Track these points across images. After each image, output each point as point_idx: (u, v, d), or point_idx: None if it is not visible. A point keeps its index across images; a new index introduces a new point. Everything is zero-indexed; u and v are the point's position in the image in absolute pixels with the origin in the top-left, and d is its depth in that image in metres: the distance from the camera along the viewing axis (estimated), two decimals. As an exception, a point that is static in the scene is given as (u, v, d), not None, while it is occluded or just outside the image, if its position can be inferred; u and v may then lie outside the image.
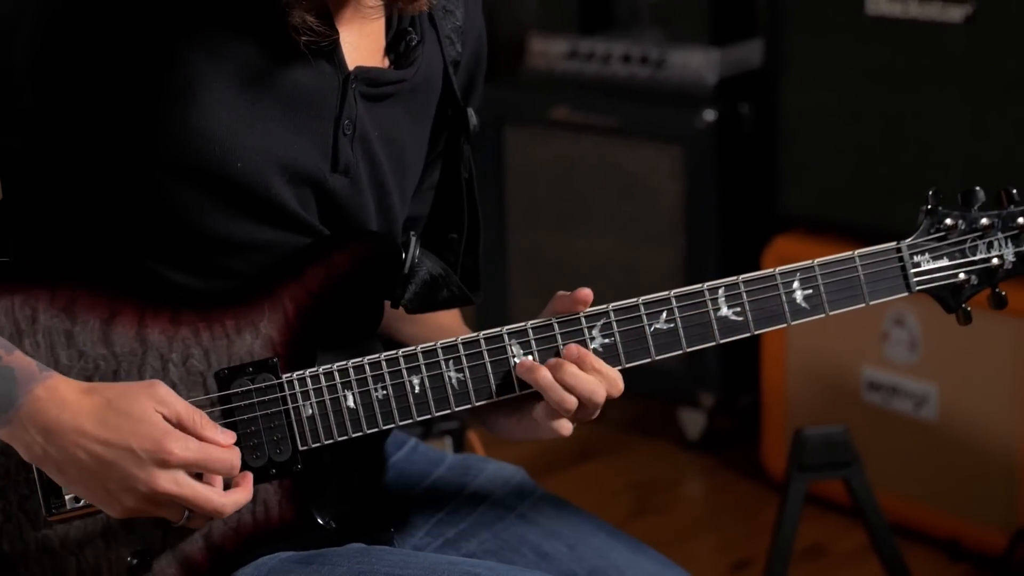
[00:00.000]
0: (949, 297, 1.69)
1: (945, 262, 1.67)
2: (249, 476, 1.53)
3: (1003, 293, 1.70)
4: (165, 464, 1.45)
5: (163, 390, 1.48)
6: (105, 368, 1.54)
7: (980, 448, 3.09)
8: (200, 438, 1.48)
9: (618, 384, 1.59)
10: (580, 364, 1.57)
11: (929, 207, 1.66)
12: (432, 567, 1.54)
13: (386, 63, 1.63)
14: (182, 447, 1.46)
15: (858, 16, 3.15)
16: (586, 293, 1.60)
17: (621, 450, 3.71)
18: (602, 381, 1.57)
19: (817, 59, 3.23)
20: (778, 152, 3.34)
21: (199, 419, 1.49)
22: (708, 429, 3.70)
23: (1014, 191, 1.68)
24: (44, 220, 1.57)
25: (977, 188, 1.67)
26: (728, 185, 3.53)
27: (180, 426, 1.47)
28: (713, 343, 1.63)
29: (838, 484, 2.50)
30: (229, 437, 1.51)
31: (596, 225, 3.66)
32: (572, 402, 1.56)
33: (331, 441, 1.57)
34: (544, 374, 1.57)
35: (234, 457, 1.50)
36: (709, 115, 3.49)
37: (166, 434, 1.46)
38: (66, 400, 1.45)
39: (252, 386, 1.55)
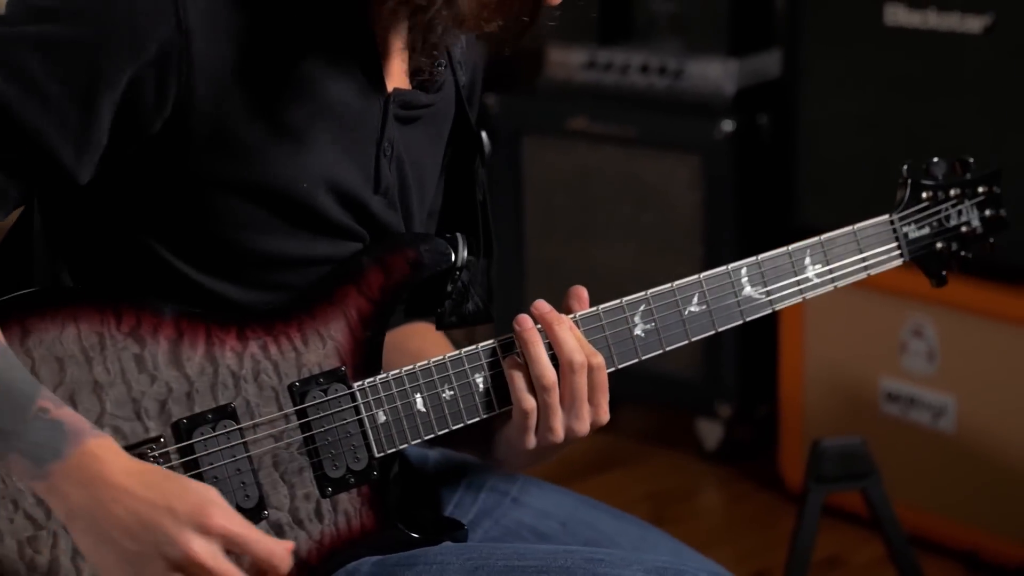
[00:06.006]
0: (933, 264, 1.80)
1: (927, 231, 1.79)
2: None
3: (969, 256, 1.81)
4: (205, 529, 1.37)
5: (216, 493, 1.41)
6: (178, 390, 1.52)
7: (998, 460, 3.08)
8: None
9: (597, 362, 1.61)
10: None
11: (909, 180, 1.79)
12: (551, 555, 1.57)
13: (409, 86, 1.64)
14: (224, 515, 1.38)
15: (877, 26, 3.15)
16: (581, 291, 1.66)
17: (638, 460, 3.71)
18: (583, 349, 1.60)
19: (836, 70, 3.23)
20: (796, 163, 3.34)
21: (248, 527, 1.41)
22: (725, 440, 3.69)
23: (969, 160, 1.82)
24: (95, 242, 1.55)
25: (937, 159, 1.81)
26: (746, 196, 3.52)
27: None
28: (739, 322, 1.69)
29: (856, 495, 2.50)
30: (286, 545, 1.42)
31: (614, 235, 3.66)
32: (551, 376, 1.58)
33: (405, 445, 1.58)
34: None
35: (275, 546, 1.40)
36: (727, 125, 3.49)
37: (211, 502, 1.39)
38: (117, 459, 1.40)
39: (326, 397, 1.55)
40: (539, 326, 1.61)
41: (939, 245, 1.79)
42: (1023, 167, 2.96)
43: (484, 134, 1.72)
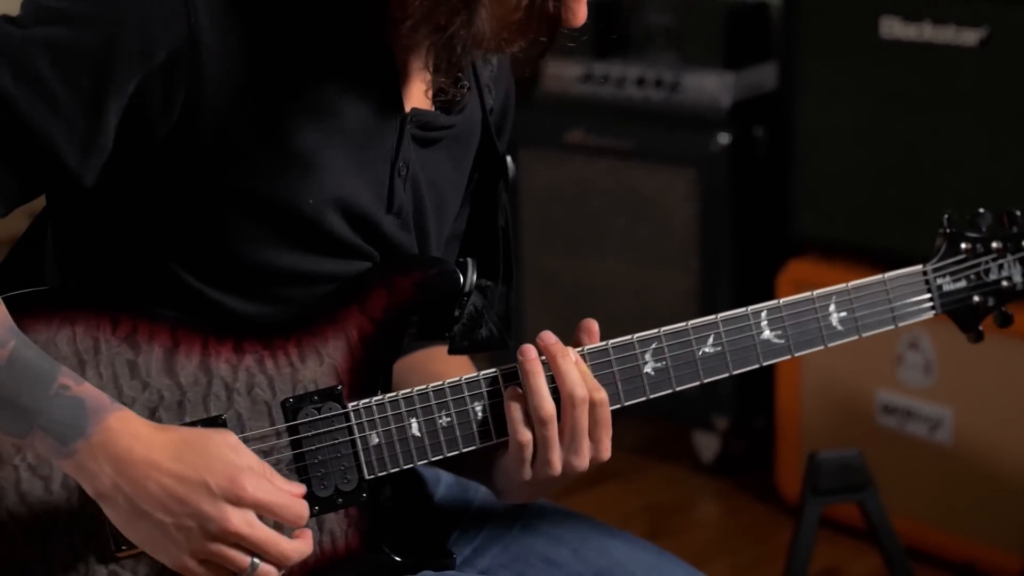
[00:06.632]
0: (967, 318, 1.75)
1: (963, 284, 1.73)
2: (308, 532, 1.52)
3: (1010, 313, 1.76)
4: (239, 501, 1.43)
5: (235, 439, 1.46)
6: (169, 398, 1.52)
7: (995, 472, 3.08)
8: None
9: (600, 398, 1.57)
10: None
11: (948, 231, 1.73)
12: None
13: (432, 108, 1.62)
14: (255, 485, 1.44)
15: (872, 39, 3.15)
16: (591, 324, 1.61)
17: (635, 473, 3.71)
18: (585, 384, 1.57)
19: (831, 82, 3.24)
20: (792, 175, 3.34)
21: (269, 471, 1.47)
22: (722, 452, 3.69)
23: (1017, 213, 1.75)
24: (100, 248, 1.56)
25: (983, 210, 1.74)
26: (742, 208, 3.53)
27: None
28: (756, 365, 1.66)
29: (852, 508, 2.49)
30: (299, 488, 1.49)
31: (610, 248, 3.66)
32: (549, 408, 1.55)
33: (397, 469, 1.56)
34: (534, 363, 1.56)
35: (303, 508, 1.48)
36: (723, 138, 3.49)
37: (240, 471, 1.44)
38: (139, 433, 1.43)
39: (319, 416, 1.54)
40: (543, 357, 1.58)
41: (976, 299, 1.74)
42: (1018, 179, 2.97)
43: (509, 158, 1.70)
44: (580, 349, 1.59)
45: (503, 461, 1.60)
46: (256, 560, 1.45)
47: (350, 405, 1.55)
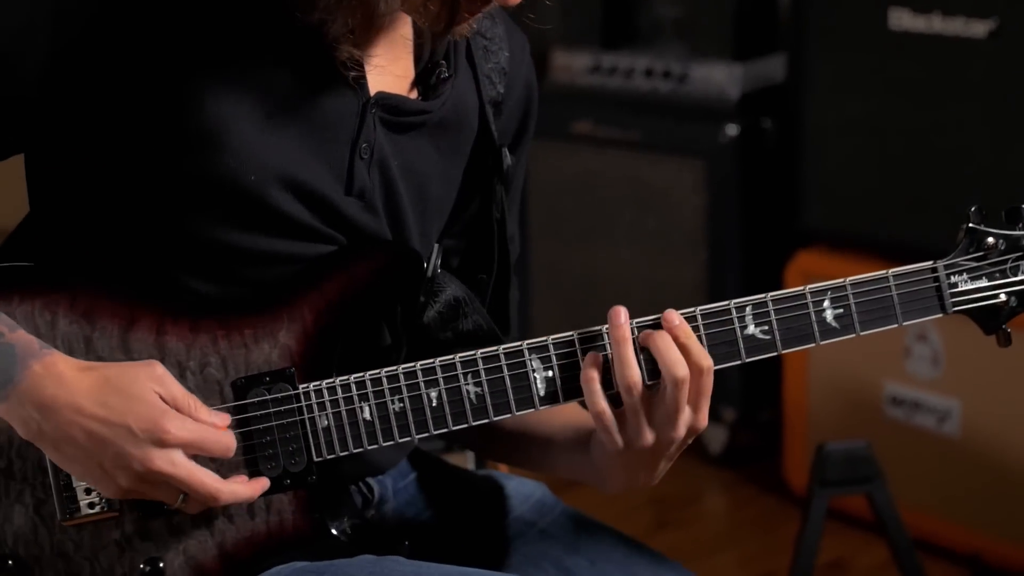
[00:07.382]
0: (988, 318, 1.63)
1: (984, 282, 1.60)
2: (262, 480, 1.53)
3: None
4: (162, 443, 1.45)
5: (161, 370, 1.48)
6: None
7: (1003, 463, 3.08)
8: (195, 420, 1.48)
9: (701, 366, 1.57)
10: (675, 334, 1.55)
11: (970, 225, 1.60)
12: None
13: (414, 94, 1.61)
14: (178, 426, 1.46)
15: (881, 31, 3.15)
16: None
17: (642, 464, 3.71)
18: (685, 360, 1.54)
19: (840, 74, 3.23)
20: (800, 167, 3.34)
21: (194, 403, 1.49)
22: (730, 444, 3.69)
23: None
24: (65, 227, 1.57)
25: (1023, 206, 1.61)
26: (750, 200, 3.53)
27: (176, 408, 1.48)
28: (738, 361, 1.62)
29: (860, 499, 2.50)
30: (223, 419, 1.51)
31: (618, 239, 3.66)
32: (636, 376, 1.53)
33: (346, 453, 1.56)
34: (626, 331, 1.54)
35: (229, 440, 1.50)
36: (732, 130, 3.49)
37: (163, 413, 1.46)
38: (63, 377, 1.46)
39: (268, 396, 1.54)
40: (633, 323, 1.55)
41: (1002, 297, 1.60)
42: (1027, 171, 2.97)
43: (505, 150, 1.69)
44: (692, 311, 1.57)
45: (595, 435, 1.58)
46: (184, 496, 1.48)
47: (301, 387, 1.55)
